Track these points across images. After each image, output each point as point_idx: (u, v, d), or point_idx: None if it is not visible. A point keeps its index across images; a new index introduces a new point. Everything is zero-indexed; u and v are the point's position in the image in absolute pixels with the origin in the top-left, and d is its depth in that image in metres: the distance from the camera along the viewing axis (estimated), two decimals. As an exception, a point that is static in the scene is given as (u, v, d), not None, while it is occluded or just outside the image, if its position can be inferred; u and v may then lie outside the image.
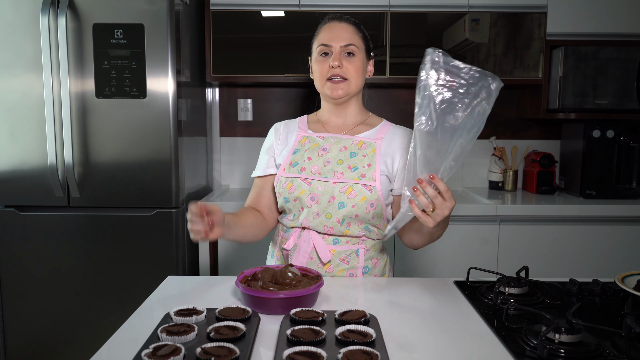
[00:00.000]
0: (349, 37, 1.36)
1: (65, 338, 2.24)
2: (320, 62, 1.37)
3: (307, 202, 1.34)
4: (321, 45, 1.37)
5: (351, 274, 1.37)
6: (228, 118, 2.88)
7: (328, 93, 1.38)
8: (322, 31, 1.39)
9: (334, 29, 1.37)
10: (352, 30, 1.37)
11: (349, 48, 1.35)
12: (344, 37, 1.35)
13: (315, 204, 1.33)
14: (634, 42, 2.50)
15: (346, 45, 1.35)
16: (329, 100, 1.41)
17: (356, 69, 1.36)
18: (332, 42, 1.35)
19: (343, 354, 0.82)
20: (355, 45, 1.36)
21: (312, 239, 1.35)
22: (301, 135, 1.44)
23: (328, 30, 1.37)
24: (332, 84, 1.36)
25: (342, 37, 1.35)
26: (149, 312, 1.10)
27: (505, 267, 2.32)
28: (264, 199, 1.47)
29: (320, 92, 1.42)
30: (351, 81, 1.36)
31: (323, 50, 1.37)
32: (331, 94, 1.37)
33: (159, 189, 2.17)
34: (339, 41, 1.35)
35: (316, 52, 1.39)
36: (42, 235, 2.18)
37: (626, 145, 2.52)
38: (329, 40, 1.36)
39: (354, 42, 1.36)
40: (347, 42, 1.35)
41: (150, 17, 2.09)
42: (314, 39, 1.42)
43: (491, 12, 2.48)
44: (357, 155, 1.36)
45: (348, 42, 1.35)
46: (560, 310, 1.09)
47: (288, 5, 2.45)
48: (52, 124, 2.09)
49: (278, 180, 1.40)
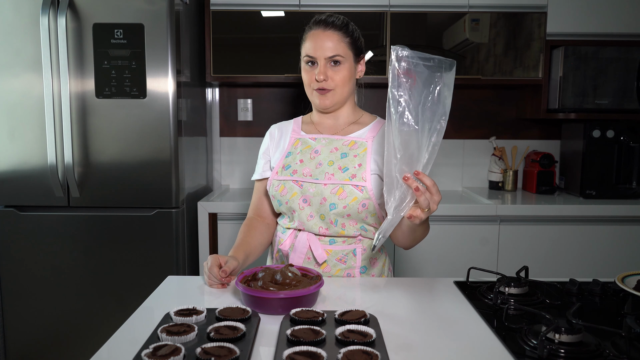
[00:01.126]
0: (334, 48, 1.32)
1: (65, 338, 2.23)
2: (306, 72, 1.37)
3: (300, 205, 1.35)
4: (306, 56, 1.36)
5: (348, 274, 1.37)
6: (228, 118, 2.88)
7: (316, 102, 1.39)
8: (307, 39, 1.36)
9: (318, 38, 1.33)
10: (337, 38, 1.33)
11: (334, 58, 1.33)
12: (328, 48, 1.32)
13: (308, 205, 1.34)
14: (634, 42, 2.50)
15: (331, 56, 1.33)
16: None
17: (342, 79, 1.34)
18: (317, 53, 1.33)
19: (343, 354, 0.82)
20: (341, 54, 1.33)
21: (308, 240, 1.35)
22: (294, 138, 1.45)
23: (313, 39, 1.34)
24: (320, 94, 1.36)
25: (326, 47, 1.32)
26: (149, 312, 1.10)
27: (505, 267, 2.32)
28: (265, 203, 1.49)
29: (309, 98, 1.43)
30: (336, 91, 1.36)
31: (309, 60, 1.36)
32: (319, 104, 1.38)
33: (159, 189, 2.17)
34: (324, 51, 1.33)
35: (303, 61, 1.38)
36: (42, 235, 2.18)
37: (626, 145, 2.52)
38: (313, 52, 1.34)
39: (339, 52, 1.33)
40: (332, 53, 1.33)
41: (150, 17, 2.09)
42: (301, 44, 1.39)
43: (491, 12, 2.48)
44: (348, 156, 1.36)
45: (333, 53, 1.33)
46: (560, 310, 1.09)
47: (288, 5, 2.45)
48: (52, 124, 2.09)
49: (271, 183, 1.40)
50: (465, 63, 2.52)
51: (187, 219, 2.31)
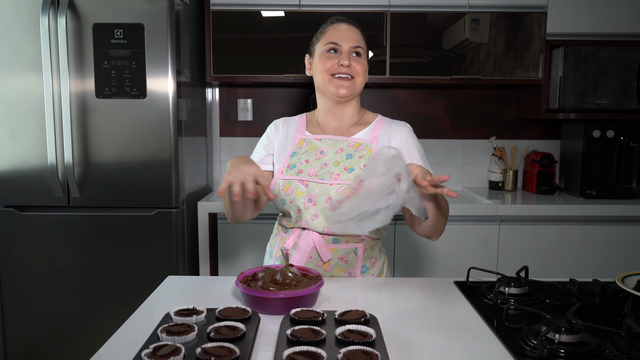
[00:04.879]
0: (358, 39, 1.40)
1: (65, 338, 2.24)
2: (327, 58, 1.38)
3: (305, 204, 1.35)
4: (330, 43, 1.38)
5: (350, 273, 1.37)
6: (228, 118, 2.88)
7: (333, 91, 1.37)
8: (329, 30, 1.41)
9: (343, 30, 1.40)
10: (359, 34, 1.41)
11: (357, 49, 1.39)
12: (353, 39, 1.39)
13: (313, 205, 1.34)
14: (634, 42, 2.50)
15: (355, 46, 1.38)
16: (330, 98, 1.41)
17: (363, 69, 1.39)
18: (342, 41, 1.38)
19: (343, 354, 0.82)
20: (362, 47, 1.40)
21: (313, 239, 1.35)
22: (299, 138, 1.45)
23: (337, 30, 1.40)
24: (338, 81, 1.37)
25: (351, 38, 1.39)
26: (149, 312, 1.10)
27: (505, 267, 2.32)
28: None
29: (322, 89, 1.41)
30: (357, 80, 1.38)
31: (332, 47, 1.38)
32: (336, 92, 1.37)
33: (159, 189, 2.17)
34: (348, 42, 1.38)
35: (323, 49, 1.39)
36: (42, 235, 2.18)
37: (626, 145, 2.52)
38: (339, 40, 1.38)
39: (361, 45, 1.40)
40: (356, 43, 1.39)
41: (150, 17, 2.09)
42: (319, 37, 1.42)
43: (491, 12, 2.48)
44: (353, 157, 1.37)
45: (357, 43, 1.39)
46: (560, 310, 1.09)
47: (288, 5, 2.45)
48: (52, 124, 2.09)
49: (275, 182, 1.40)
50: (465, 63, 2.52)
51: (187, 219, 2.31)
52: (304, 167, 1.38)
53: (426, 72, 2.53)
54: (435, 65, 2.53)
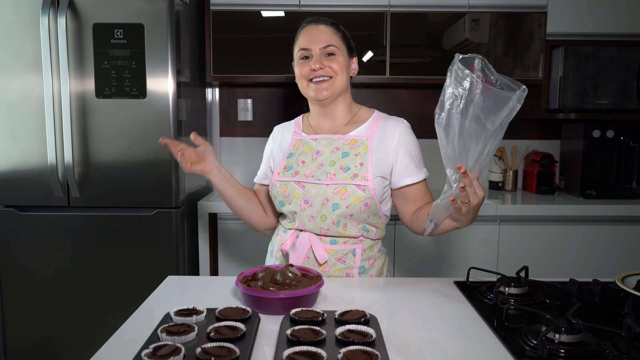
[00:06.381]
0: (328, 39, 1.37)
1: (65, 338, 2.23)
2: (301, 65, 1.39)
3: (301, 206, 1.35)
4: (301, 50, 1.38)
5: (347, 273, 1.37)
6: (228, 118, 2.88)
7: (312, 95, 1.38)
8: (300, 35, 1.40)
9: (312, 32, 1.38)
10: (330, 32, 1.38)
11: (328, 49, 1.36)
12: (322, 39, 1.36)
13: (309, 206, 1.34)
14: (634, 42, 2.50)
15: (325, 46, 1.36)
16: (315, 103, 1.42)
17: (339, 66, 1.37)
18: (311, 45, 1.36)
19: (343, 354, 0.82)
20: (334, 45, 1.37)
21: (310, 240, 1.35)
22: (295, 139, 1.45)
23: (306, 34, 1.39)
24: (316, 85, 1.37)
25: (320, 39, 1.36)
26: (149, 312, 1.10)
27: (505, 267, 2.32)
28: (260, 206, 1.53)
29: (304, 94, 1.43)
30: (335, 78, 1.37)
31: (303, 55, 1.38)
32: (316, 96, 1.37)
33: (159, 189, 2.17)
34: (317, 43, 1.36)
35: (297, 56, 1.40)
36: (42, 235, 2.18)
37: (626, 145, 2.52)
38: (308, 44, 1.37)
39: (332, 43, 1.37)
40: (326, 43, 1.36)
41: (150, 17, 2.09)
42: (294, 43, 1.43)
43: (491, 12, 2.48)
44: (349, 155, 1.36)
45: (327, 43, 1.36)
46: (560, 310, 1.09)
47: (288, 5, 2.45)
48: (52, 124, 2.09)
49: (272, 184, 1.40)
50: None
51: (187, 219, 2.31)
52: (300, 169, 1.38)
53: (426, 72, 2.53)
54: (435, 65, 2.53)
